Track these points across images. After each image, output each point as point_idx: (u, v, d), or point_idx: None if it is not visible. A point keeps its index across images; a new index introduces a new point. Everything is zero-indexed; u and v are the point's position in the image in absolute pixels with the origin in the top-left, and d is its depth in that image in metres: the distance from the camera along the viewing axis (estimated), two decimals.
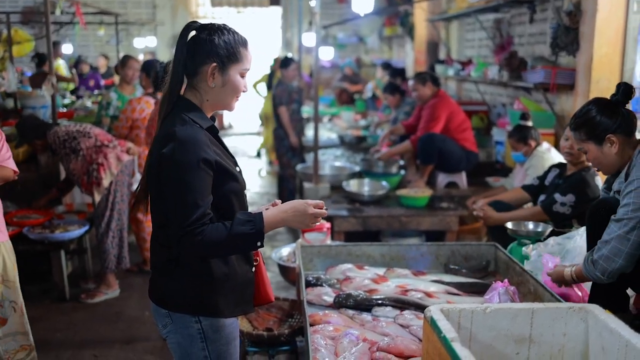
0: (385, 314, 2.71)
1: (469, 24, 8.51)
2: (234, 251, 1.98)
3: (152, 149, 1.97)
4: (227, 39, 1.97)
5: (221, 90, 1.99)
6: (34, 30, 9.69)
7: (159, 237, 2.01)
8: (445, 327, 1.66)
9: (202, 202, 1.86)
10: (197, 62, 1.96)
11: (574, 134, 2.61)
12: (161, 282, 2.04)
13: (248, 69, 2.04)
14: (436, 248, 3.38)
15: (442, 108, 5.42)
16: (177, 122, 1.92)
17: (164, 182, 1.89)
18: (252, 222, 1.91)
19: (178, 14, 13.84)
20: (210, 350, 2.03)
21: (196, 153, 1.86)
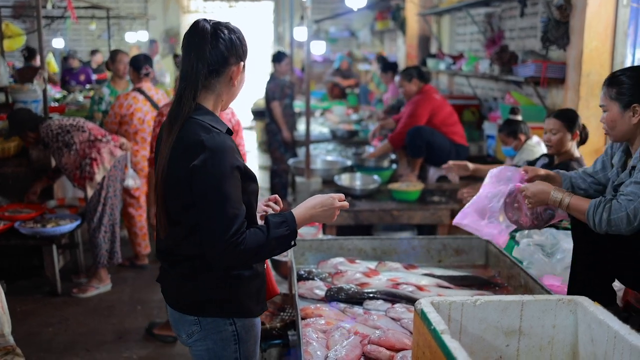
0: (376, 308, 2.73)
1: (460, 18, 8.52)
2: (271, 254, 1.97)
3: (174, 159, 1.86)
4: (240, 36, 1.95)
5: (238, 89, 1.98)
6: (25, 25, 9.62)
7: (183, 247, 1.93)
8: (435, 319, 1.67)
9: (240, 212, 1.83)
10: (222, 63, 1.89)
11: (605, 88, 2.48)
12: (188, 290, 1.96)
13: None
14: (427, 241, 3.40)
15: (424, 105, 5.41)
16: (199, 130, 1.84)
17: (199, 194, 1.82)
18: (286, 224, 1.92)
19: (170, 7, 13.77)
20: (242, 351, 2.00)
21: (229, 161, 1.81)
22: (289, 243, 1.95)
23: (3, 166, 4.94)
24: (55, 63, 10.39)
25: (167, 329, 4.02)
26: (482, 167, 4.11)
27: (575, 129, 3.59)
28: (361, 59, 13.33)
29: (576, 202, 2.41)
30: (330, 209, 2.02)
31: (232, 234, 1.79)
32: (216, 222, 1.81)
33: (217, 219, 1.80)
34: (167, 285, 2.04)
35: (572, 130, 3.58)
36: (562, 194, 2.45)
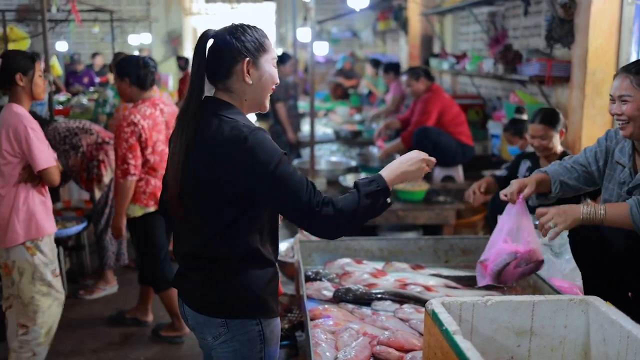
0: (384, 308, 2.73)
1: (463, 17, 8.51)
2: (368, 213, 1.91)
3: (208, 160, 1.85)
4: (250, 32, 1.94)
5: (259, 85, 1.94)
6: (28, 28, 9.66)
7: (211, 248, 1.91)
8: (446, 320, 1.67)
9: (308, 180, 1.84)
10: (228, 63, 1.90)
11: (632, 77, 2.27)
12: (215, 292, 1.94)
13: (275, 58, 1.99)
14: (434, 242, 3.39)
15: (434, 102, 5.43)
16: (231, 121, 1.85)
17: (263, 187, 1.82)
18: (375, 182, 1.90)
19: (172, 10, 13.80)
20: (266, 351, 1.99)
21: (275, 147, 1.83)
22: (384, 199, 1.92)
23: None
24: (59, 66, 10.41)
25: (173, 330, 4.03)
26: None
27: (560, 127, 3.58)
28: (363, 60, 13.34)
29: (614, 210, 2.19)
30: (417, 162, 2.01)
31: (315, 195, 1.81)
32: (293, 196, 1.80)
33: (294, 193, 1.80)
34: (188, 288, 2.00)
35: (557, 129, 3.58)
36: (592, 207, 2.21)
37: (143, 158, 3.75)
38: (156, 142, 3.78)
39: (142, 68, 3.78)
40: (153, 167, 3.81)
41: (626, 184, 2.37)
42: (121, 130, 3.68)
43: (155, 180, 3.83)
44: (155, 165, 3.82)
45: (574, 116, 4.70)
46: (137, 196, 3.81)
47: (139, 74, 3.76)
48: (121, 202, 3.75)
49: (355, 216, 1.85)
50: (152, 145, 3.76)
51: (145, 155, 3.75)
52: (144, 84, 3.78)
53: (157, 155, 3.81)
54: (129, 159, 3.68)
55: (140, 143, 3.71)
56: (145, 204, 3.83)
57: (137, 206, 3.83)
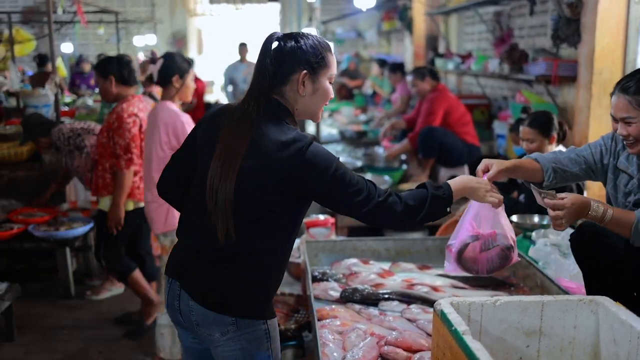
0: (392, 309, 2.72)
1: (468, 17, 8.50)
2: (428, 215, 1.97)
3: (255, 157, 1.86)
4: (314, 44, 1.93)
5: (312, 98, 1.95)
6: (34, 30, 9.68)
7: (233, 245, 1.89)
8: (455, 320, 1.67)
9: (363, 178, 1.92)
10: (286, 70, 1.90)
11: (630, 97, 2.17)
12: (223, 289, 1.93)
13: (334, 75, 2.00)
14: (441, 242, 3.38)
15: (440, 102, 5.43)
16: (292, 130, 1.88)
17: (325, 190, 1.87)
18: (442, 189, 1.99)
19: (176, 11, 13.82)
20: (272, 348, 2.01)
21: (330, 153, 1.90)
22: (445, 207, 2.01)
23: (16, 170, 4.97)
24: (64, 68, 10.43)
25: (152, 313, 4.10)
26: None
27: (552, 133, 3.54)
28: (368, 60, 13.32)
29: (620, 215, 2.13)
30: (484, 185, 2.13)
31: (377, 192, 1.89)
32: (353, 193, 1.87)
33: (353, 191, 1.87)
34: (200, 283, 1.96)
35: (548, 135, 3.53)
36: (601, 208, 2.14)
37: (140, 149, 3.85)
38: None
39: (125, 66, 3.87)
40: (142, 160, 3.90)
41: (633, 194, 2.30)
42: (123, 121, 3.76)
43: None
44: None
45: (580, 116, 4.68)
46: (132, 190, 3.88)
47: (123, 72, 3.85)
48: (122, 192, 3.81)
49: (421, 211, 1.94)
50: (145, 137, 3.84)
51: (142, 146, 3.83)
52: (129, 81, 3.87)
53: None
54: (132, 148, 3.78)
55: (140, 134, 3.82)
56: (138, 198, 3.91)
57: (131, 200, 3.89)
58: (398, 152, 5.72)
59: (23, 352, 3.94)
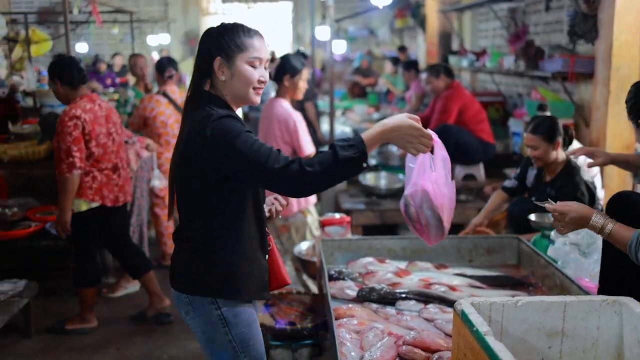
0: (409, 308, 2.70)
1: (482, 14, 8.44)
2: (341, 176, 1.91)
3: (184, 145, 2.03)
4: (230, 31, 2.04)
5: (232, 83, 2.04)
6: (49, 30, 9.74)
7: (187, 229, 2.10)
8: (477, 320, 1.65)
9: (268, 145, 1.91)
10: (207, 59, 2.04)
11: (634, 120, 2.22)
12: (181, 268, 2.14)
13: (257, 57, 2.04)
14: (457, 241, 3.36)
15: (455, 100, 5.39)
16: (206, 111, 1.98)
17: (225, 156, 1.92)
18: (355, 147, 1.84)
19: (189, 10, 13.85)
20: (234, 334, 2.10)
21: (235, 125, 1.94)
22: (359, 165, 1.87)
23: (33, 169, 4.99)
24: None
25: (81, 322, 4.13)
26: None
27: (556, 138, 3.47)
28: (381, 58, 13.28)
29: (619, 231, 2.12)
30: (404, 132, 1.88)
31: (278, 161, 1.85)
32: (254, 159, 1.87)
33: (254, 156, 1.87)
34: (171, 266, 2.21)
35: (552, 140, 3.47)
36: (604, 219, 2.15)
37: (88, 151, 3.82)
38: (99, 135, 3.86)
39: (68, 67, 3.84)
40: (97, 160, 3.88)
41: None
42: (64, 124, 3.74)
43: (101, 175, 3.91)
44: (99, 158, 3.89)
45: (598, 113, 4.63)
46: (84, 191, 3.87)
47: (65, 73, 3.82)
48: (67, 197, 3.80)
49: (327, 177, 1.86)
50: (95, 137, 3.83)
51: (90, 148, 3.82)
52: (72, 83, 3.83)
53: (101, 148, 3.89)
54: (74, 151, 3.75)
55: (84, 136, 3.78)
56: (91, 198, 3.90)
57: (83, 200, 3.89)
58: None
59: (40, 348, 3.96)
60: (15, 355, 3.87)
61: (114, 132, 4.00)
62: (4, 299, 3.75)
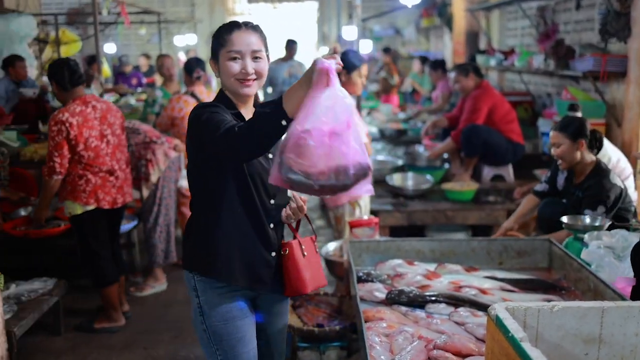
0: (439, 311, 2.67)
1: (511, 12, 8.34)
2: (263, 135, 1.85)
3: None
4: (217, 31, 2.16)
5: (222, 79, 2.16)
6: (78, 31, 9.86)
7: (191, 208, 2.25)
8: (512, 326, 1.61)
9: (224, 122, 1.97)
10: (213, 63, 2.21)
11: None
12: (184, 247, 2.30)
13: (235, 51, 2.09)
14: (487, 243, 3.31)
15: (485, 99, 5.32)
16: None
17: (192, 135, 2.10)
18: (272, 103, 1.91)
19: (215, 11, 13.92)
20: (207, 324, 2.21)
21: (209, 109, 2.05)
22: (278, 121, 1.80)
23: None
24: (108, 68, 10.62)
25: (108, 321, 4.17)
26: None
27: (580, 138, 3.41)
28: (406, 57, 13.20)
29: None
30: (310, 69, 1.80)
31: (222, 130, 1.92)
32: (206, 130, 1.98)
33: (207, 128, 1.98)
34: None
35: (575, 139, 3.41)
36: None
37: (76, 155, 3.83)
38: (88, 139, 3.85)
39: (60, 70, 3.85)
40: (89, 164, 3.89)
41: None
42: (49, 129, 3.78)
43: (96, 178, 3.92)
44: (91, 162, 3.89)
45: (630, 113, 4.54)
46: (78, 194, 3.89)
47: (57, 76, 3.84)
48: (45, 197, 3.92)
49: (252, 135, 1.85)
50: (83, 141, 3.82)
51: (78, 152, 3.83)
52: (64, 85, 3.84)
53: (92, 152, 3.88)
54: (54, 157, 3.78)
55: (69, 141, 3.79)
56: (85, 202, 3.91)
57: (78, 204, 3.92)
58: (441, 152, 5.61)
59: (69, 346, 4.01)
60: (44, 353, 3.92)
61: (108, 134, 3.97)
62: (34, 297, 3.80)
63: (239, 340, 2.21)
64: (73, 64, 3.89)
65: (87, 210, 3.93)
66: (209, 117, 2.00)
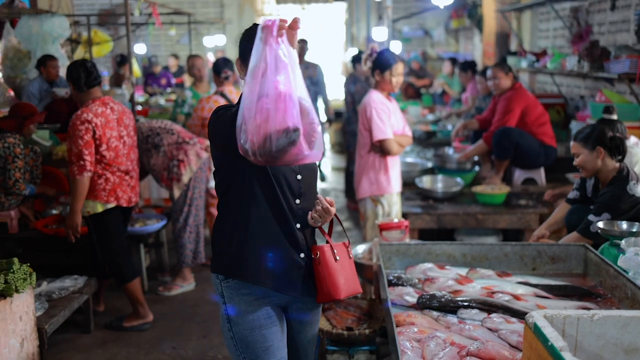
0: (471, 317, 2.61)
1: (543, 13, 8.22)
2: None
3: None
4: (246, 36, 2.18)
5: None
6: (109, 32, 9.99)
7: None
8: (551, 334, 1.57)
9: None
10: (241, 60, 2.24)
11: None
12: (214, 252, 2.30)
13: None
14: (521, 248, 3.24)
15: (518, 101, 5.24)
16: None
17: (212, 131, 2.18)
18: None
19: (244, 12, 13.97)
20: (234, 332, 2.22)
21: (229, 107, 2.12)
22: None
23: None
24: (138, 68, 10.74)
25: (137, 318, 4.22)
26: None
27: (597, 146, 3.32)
28: (435, 58, 13.10)
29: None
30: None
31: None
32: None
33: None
34: None
35: (593, 148, 3.33)
36: None
37: (98, 155, 3.89)
38: (110, 139, 3.92)
39: (76, 71, 3.91)
40: (109, 164, 3.94)
41: None
42: (75, 128, 3.82)
43: (114, 177, 3.98)
44: (111, 162, 3.95)
45: None
46: (98, 193, 3.95)
47: (74, 77, 3.90)
48: (78, 199, 3.88)
49: None
50: (106, 142, 3.90)
51: (100, 152, 3.89)
52: (80, 86, 3.91)
53: (112, 152, 3.95)
54: (85, 155, 3.82)
55: (94, 140, 3.85)
56: (106, 200, 3.98)
57: (99, 203, 3.97)
58: (472, 154, 5.53)
59: (99, 344, 4.05)
60: (74, 350, 3.97)
61: (125, 135, 4.06)
62: (65, 294, 3.85)
63: (265, 350, 2.21)
64: (90, 66, 3.96)
65: (107, 209, 3.98)
66: (220, 116, 2.09)
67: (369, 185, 4.26)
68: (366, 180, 4.26)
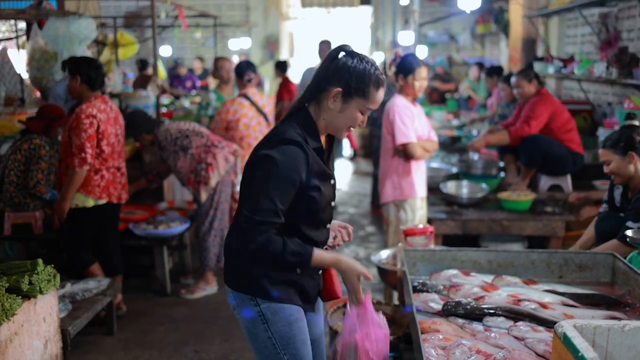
0: (497, 325, 2.58)
1: (571, 19, 8.12)
2: (280, 259, 2.10)
3: (258, 145, 2.15)
4: (364, 72, 2.09)
5: (337, 116, 2.13)
6: (135, 34, 10.11)
7: (234, 225, 2.17)
8: (582, 345, 1.54)
9: (277, 204, 2.03)
10: (329, 80, 2.10)
11: None
12: (228, 264, 2.26)
13: (371, 109, 2.15)
14: (547, 255, 3.19)
15: (544, 106, 5.16)
16: (287, 130, 2.10)
17: (255, 175, 2.07)
18: (300, 256, 2.11)
19: (270, 15, 14.04)
20: (273, 331, 2.19)
21: (291, 164, 2.04)
22: (294, 268, 2.18)
23: None
24: (163, 70, 10.83)
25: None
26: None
27: (630, 151, 3.26)
28: (461, 63, 13.02)
29: None
30: (354, 269, 2.20)
31: (262, 212, 2.03)
32: (255, 198, 2.06)
33: (258, 196, 2.05)
34: None
35: (625, 153, 3.27)
36: None
37: (98, 149, 3.99)
38: (110, 135, 4.02)
39: (94, 69, 4.00)
40: (105, 159, 4.03)
41: None
42: (80, 121, 3.90)
43: (108, 174, 4.07)
44: (107, 157, 4.05)
45: None
46: (92, 188, 4.02)
47: (90, 74, 3.98)
48: (71, 189, 3.96)
49: (265, 254, 2.09)
50: (106, 137, 4.00)
51: (100, 146, 3.98)
52: (94, 84, 4.01)
53: (110, 147, 4.05)
54: (87, 148, 3.90)
55: (97, 134, 3.95)
56: (98, 196, 4.04)
57: (91, 198, 4.04)
58: (493, 142, 5.32)
59: (121, 346, 4.07)
60: (96, 352, 3.99)
61: (119, 134, 4.20)
62: (88, 296, 3.87)
63: (303, 342, 2.26)
64: (100, 65, 4.11)
65: (98, 204, 4.08)
66: (265, 184, 2.04)
67: (392, 190, 4.26)
68: (389, 185, 4.26)
